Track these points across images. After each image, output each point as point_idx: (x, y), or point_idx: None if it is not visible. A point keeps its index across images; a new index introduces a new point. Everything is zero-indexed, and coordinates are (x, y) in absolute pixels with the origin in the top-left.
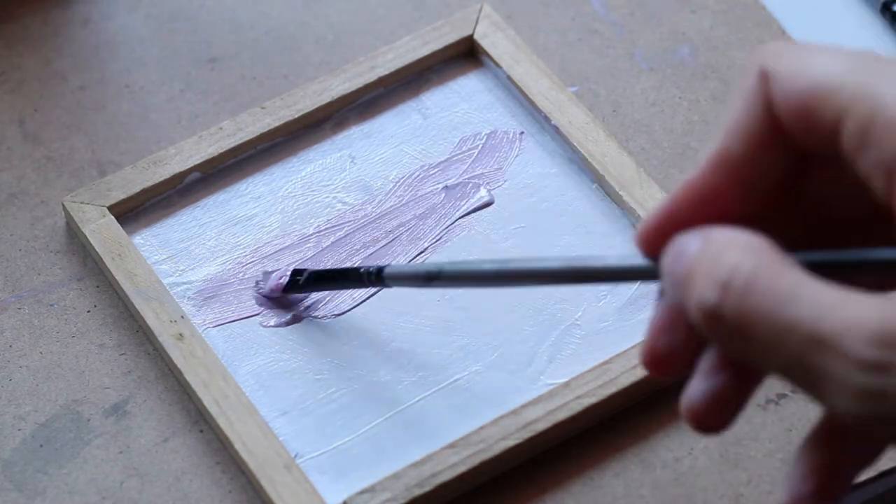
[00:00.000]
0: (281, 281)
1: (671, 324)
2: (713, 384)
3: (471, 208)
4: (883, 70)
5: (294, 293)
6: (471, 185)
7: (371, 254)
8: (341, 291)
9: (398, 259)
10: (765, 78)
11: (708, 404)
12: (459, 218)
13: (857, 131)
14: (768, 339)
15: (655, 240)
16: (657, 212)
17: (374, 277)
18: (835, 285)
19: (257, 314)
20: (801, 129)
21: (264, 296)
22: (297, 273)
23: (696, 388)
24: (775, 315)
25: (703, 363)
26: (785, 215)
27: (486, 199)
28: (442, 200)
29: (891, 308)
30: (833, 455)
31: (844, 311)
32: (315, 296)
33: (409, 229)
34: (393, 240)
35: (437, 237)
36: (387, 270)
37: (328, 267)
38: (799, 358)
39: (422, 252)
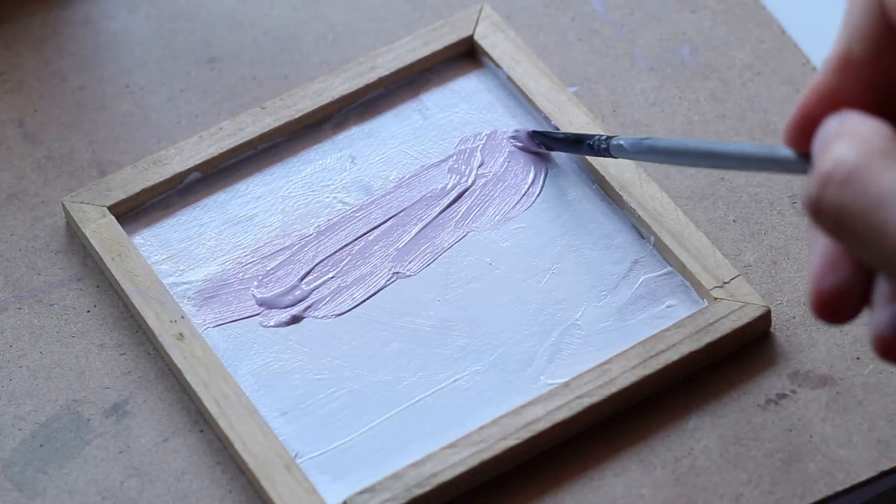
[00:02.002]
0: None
1: (833, 262)
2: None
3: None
4: None
5: (539, 144)
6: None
7: (364, 246)
8: (341, 292)
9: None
10: None
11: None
12: (453, 212)
13: None
14: (864, 239)
15: (798, 136)
16: (795, 111)
17: (604, 146)
18: None
19: (257, 314)
20: None
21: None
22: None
23: (881, 318)
24: (869, 216)
25: (878, 296)
26: None
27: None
28: (440, 199)
29: None
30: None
31: None
32: (314, 295)
33: (405, 228)
34: (391, 237)
35: (435, 237)
36: (613, 142)
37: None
38: (890, 259)
39: (415, 244)
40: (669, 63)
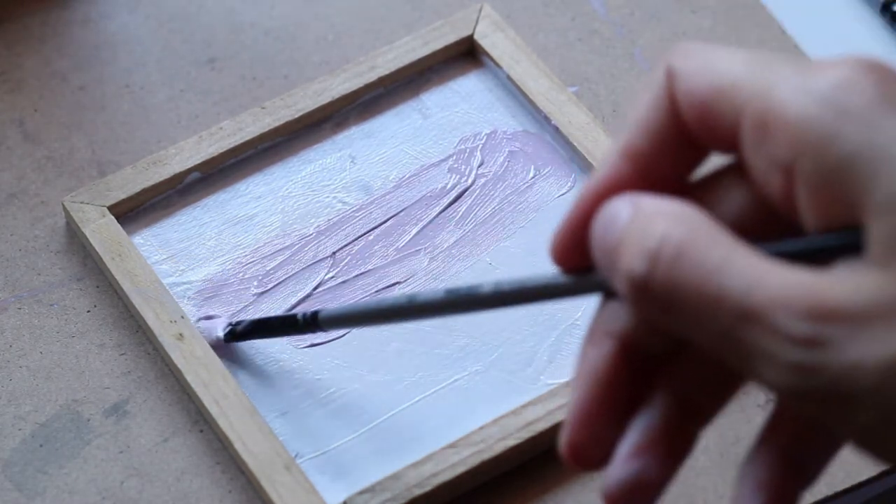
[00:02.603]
0: (219, 334)
1: (587, 415)
2: (632, 470)
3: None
4: (778, 69)
5: (234, 341)
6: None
7: (364, 246)
8: (342, 292)
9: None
10: (670, 75)
11: (628, 491)
12: (454, 211)
13: (754, 131)
14: (698, 312)
15: (570, 247)
16: (567, 217)
17: (310, 321)
18: (767, 257)
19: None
20: (703, 129)
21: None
22: (236, 324)
23: (615, 474)
24: (704, 286)
25: (622, 449)
26: None
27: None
28: (440, 199)
29: (821, 281)
30: (779, 466)
31: (774, 284)
32: (314, 296)
33: (405, 229)
34: (391, 237)
35: (435, 237)
36: (321, 314)
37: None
38: (729, 331)
39: (414, 244)
40: None
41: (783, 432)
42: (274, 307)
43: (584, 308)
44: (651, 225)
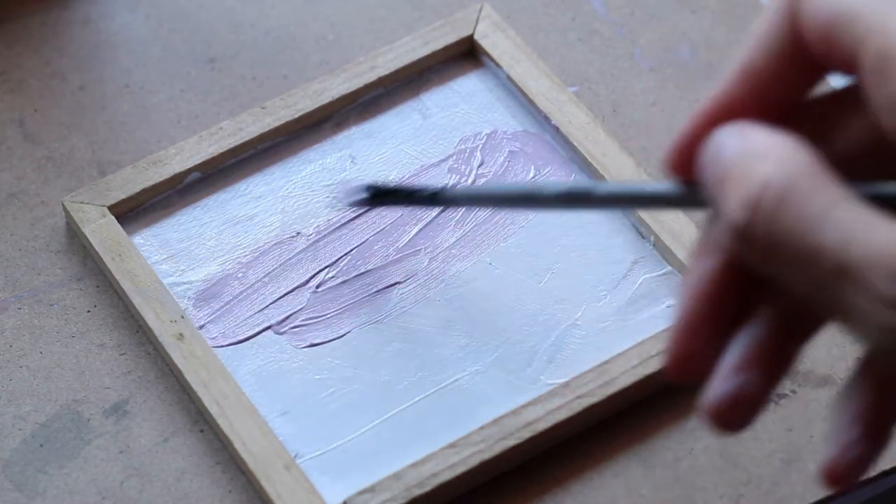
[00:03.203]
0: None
1: (692, 328)
2: (735, 384)
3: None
4: None
5: (375, 206)
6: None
7: (363, 246)
8: (341, 315)
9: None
10: None
11: (730, 404)
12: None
13: (874, 66)
14: (796, 263)
15: (684, 160)
16: (683, 130)
17: (430, 198)
18: (871, 209)
19: (267, 325)
20: (824, 53)
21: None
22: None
23: (718, 388)
24: (803, 238)
25: (726, 363)
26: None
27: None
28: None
29: None
30: (876, 398)
31: (874, 241)
32: (314, 296)
33: (399, 227)
34: (391, 237)
35: (435, 237)
36: (446, 192)
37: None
38: (825, 285)
39: (414, 244)
40: (669, 63)
41: (879, 368)
42: (274, 307)
43: (584, 308)
44: (755, 165)
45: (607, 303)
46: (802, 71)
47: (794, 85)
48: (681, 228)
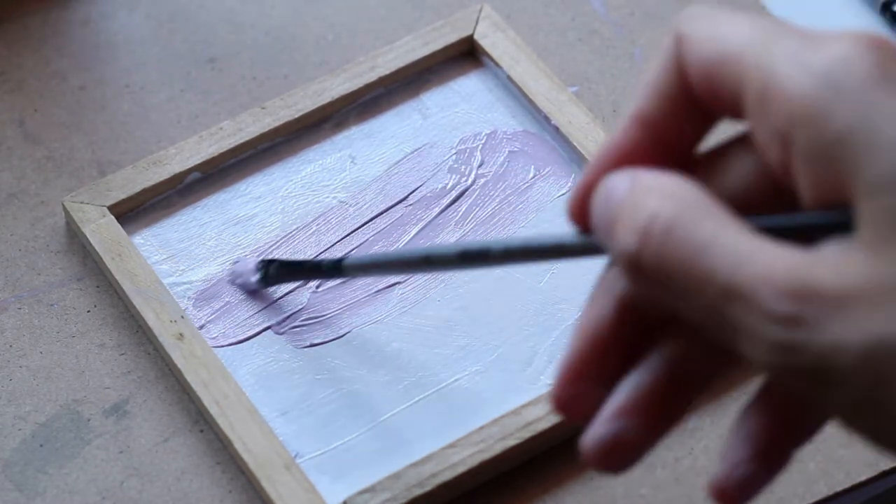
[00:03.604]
0: (252, 279)
1: (578, 370)
2: (614, 428)
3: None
4: (781, 39)
5: (267, 286)
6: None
7: (363, 246)
8: (341, 315)
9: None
10: (679, 40)
11: (607, 448)
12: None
13: (755, 101)
14: (686, 288)
15: (584, 209)
16: (581, 180)
17: (333, 268)
18: (756, 234)
19: (267, 326)
20: (710, 95)
21: (241, 288)
22: (266, 263)
23: (597, 431)
24: (692, 264)
25: (608, 406)
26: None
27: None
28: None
29: (804, 261)
30: (771, 421)
31: (759, 262)
32: (315, 297)
33: (398, 224)
34: (391, 237)
35: (435, 237)
36: (346, 261)
37: (291, 259)
38: (715, 308)
39: (414, 244)
40: None
41: (778, 392)
42: (273, 307)
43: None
44: (643, 200)
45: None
46: (693, 117)
47: (687, 132)
48: None
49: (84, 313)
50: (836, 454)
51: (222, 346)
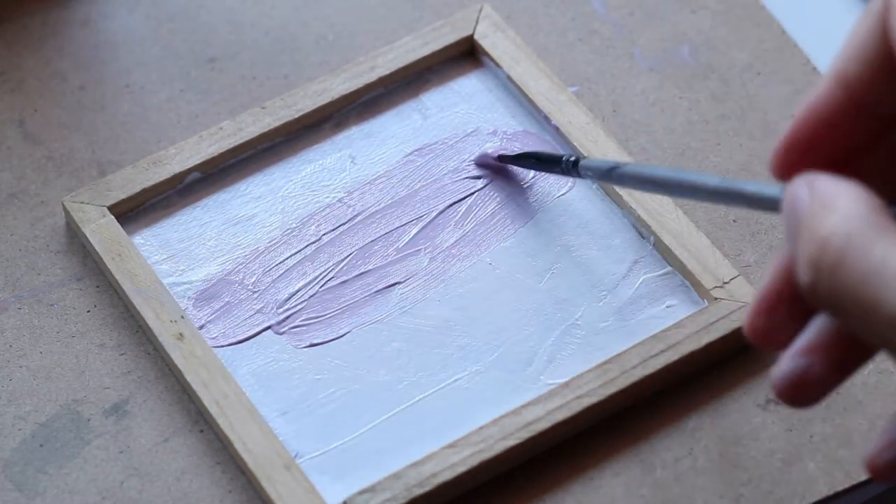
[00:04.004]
0: (497, 152)
1: (772, 305)
2: (800, 365)
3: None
4: None
5: (507, 163)
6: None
7: (364, 246)
8: (341, 315)
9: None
10: (888, 6)
11: (794, 384)
12: (455, 203)
13: None
14: (857, 315)
15: (786, 164)
16: (785, 136)
17: (572, 166)
18: None
19: (267, 326)
20: None
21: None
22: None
23: (785, 366)
24: (861, 294)
25: (797, 343)
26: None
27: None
28: (438, 192)
29: None
30: None
31: None
32: (316, 298)
33: (402, 222)
34: (391, 237)
35: (435, 237)
36: (582, 162)
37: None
38: (885, 335)
39: (415, 244)
40: (669, 63)
41: None
42: (273, 307)
43: (584, 308)
44: (820, 219)
45: (607, 303)
46: (894, 83)
47: (886, 97)
48: (681, 228)
49: (84, 313)
50: (836, 454)
51: (222, 346)
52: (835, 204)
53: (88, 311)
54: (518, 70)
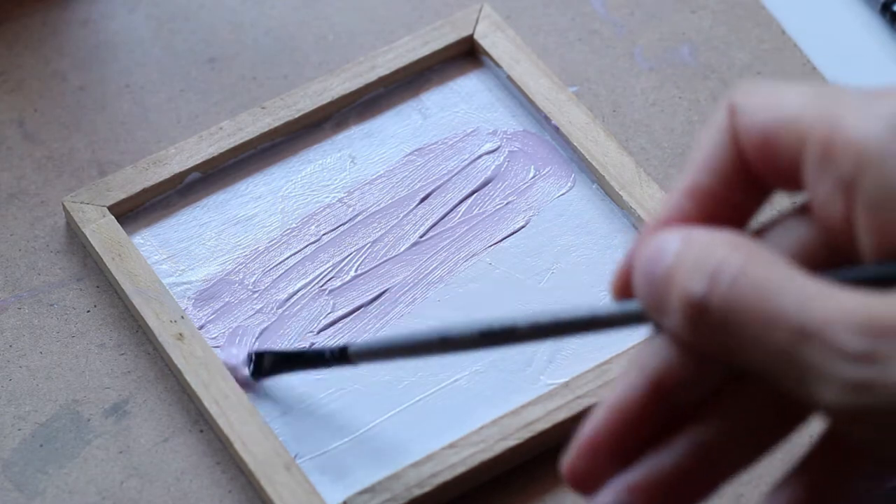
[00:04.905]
0: (246, 372)
1: (597, 447)
2: (621, 502)
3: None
4: (842, 97)
5: (261, 379)
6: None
7: (364, 246)
8: (343, 293)
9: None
10: (733, 112)
11: None
12: (458, 204)
13: (817, 154)
14: (755, 331)
15: (629, 287)
16: (630, 251)
17: (337, 357)
18: (825, 281)
19: (265, 329)
20: (766, 163)
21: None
22: (258, 356)
23: (603, 499)
24: (763, 306)
25: (622, 478)
26: None
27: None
28: (440, 190)
29: (877, 300)
30: (809, 495)
31: (831, 302)
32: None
33: (402, 222)
34: (391, 238)
35: (436, 237)
36: (351, 349)
37: (282, 348)
38: (785, 349)
39: (415, 244)
40: (669, 63)
41: (817, 467)
42: (273, 307)
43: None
44: (709, 250)
45: (607, 303)
46: (748, 190)
47: (741, 205)
48: None
49: (84, 313)
50: None
51: (222, 346)
52: (721, 241)
53: (88, 311)
54: (518, 70)
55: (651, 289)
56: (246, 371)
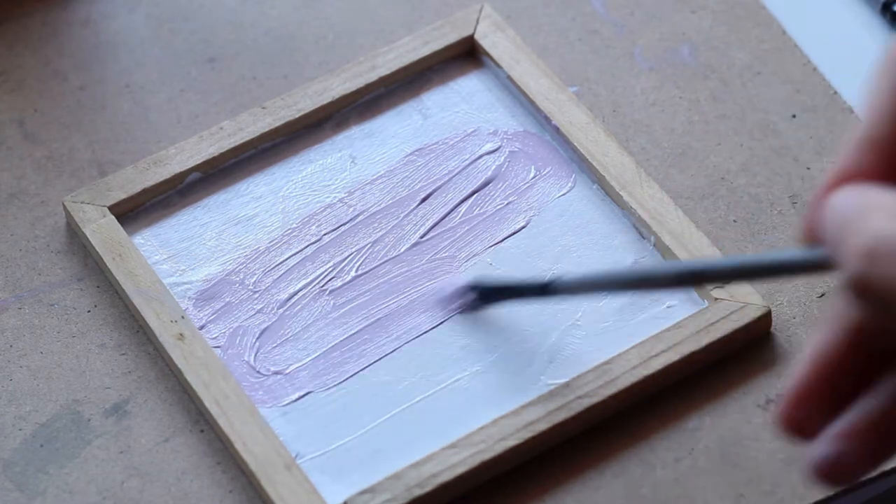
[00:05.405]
0: (460, 301)
1: (805, 397)
2: (835, 450)
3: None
4: None
5: (477, 308)
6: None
7: (365, 246)
8: (344, 293)
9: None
10: None
11: (828, 467)
12: (459, 204)
13: None
14: None
15: (816, 231)
16: (811, 204)
17: (542, 289)
18: None
19: (265, 329)
20: None
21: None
22: (475, 289)
23: (820, 449)
24: None
25: (833, 427)
26: None
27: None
28: (441, 189)
29: None
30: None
31: None
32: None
33: (404, 221)
34: (392, 238)
35: (436, 236)
36: (556, 283)
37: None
38: None
39: (416, 244)
40: (669, 63)
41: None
42: (274, 307)
43: (584, 308)
44: (869, 221)
45: (607, 303)
46: None
47: None
48: (681, 229)
49: (84, 313)
50: None
51: (223, 347)
52: (885, 206)
53: (89, 311)
54: (518, 70)
55: (833, 245)
56: (468, 299)
